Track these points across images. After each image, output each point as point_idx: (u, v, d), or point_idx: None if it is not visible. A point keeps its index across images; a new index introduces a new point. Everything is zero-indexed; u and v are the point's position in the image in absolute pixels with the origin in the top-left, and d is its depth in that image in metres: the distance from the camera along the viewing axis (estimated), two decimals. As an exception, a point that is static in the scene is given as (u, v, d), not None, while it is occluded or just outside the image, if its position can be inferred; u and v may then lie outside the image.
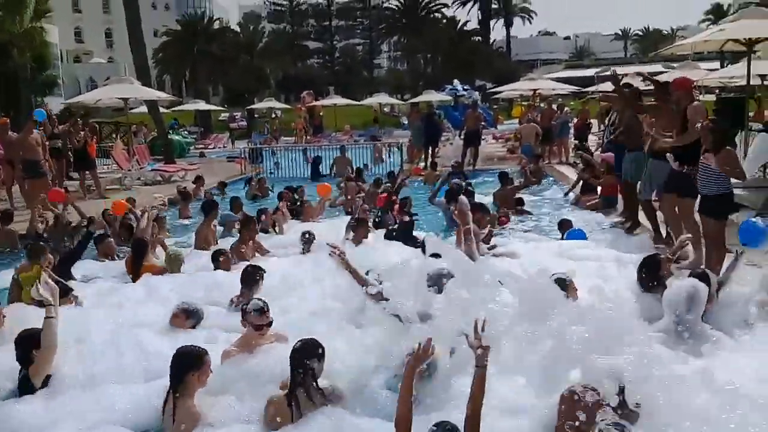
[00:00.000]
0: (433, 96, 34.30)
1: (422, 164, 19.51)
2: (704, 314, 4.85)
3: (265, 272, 6.29)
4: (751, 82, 13.50)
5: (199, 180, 15.75)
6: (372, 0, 76.12)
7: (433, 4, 71.00)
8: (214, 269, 7.38)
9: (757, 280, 5.69)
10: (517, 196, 12.26)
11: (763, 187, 9.23)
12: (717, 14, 59.95)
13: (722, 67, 26.35)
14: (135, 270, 7.66)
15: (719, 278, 5.47)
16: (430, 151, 20.24)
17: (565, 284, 4.99)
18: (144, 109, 27.17)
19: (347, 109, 40.69)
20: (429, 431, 3.33)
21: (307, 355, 4.11)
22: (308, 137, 30.56)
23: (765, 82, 18.89)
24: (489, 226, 8.93)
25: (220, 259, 7.49)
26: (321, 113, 36.60)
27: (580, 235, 8.80)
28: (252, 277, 6.18)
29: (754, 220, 5.72)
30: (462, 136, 20.03)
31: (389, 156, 20.33)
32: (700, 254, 7.05)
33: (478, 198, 11.16)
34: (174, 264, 7.64)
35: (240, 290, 6.21)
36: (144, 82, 21.78)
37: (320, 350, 4.16)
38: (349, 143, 24.18)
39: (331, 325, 5.14)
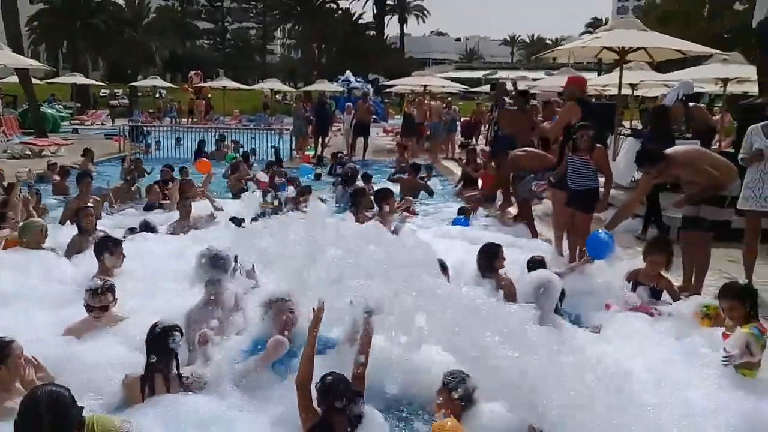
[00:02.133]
0: (326, 86, 34.16)
1: (311, 152, 19.41)
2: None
3: (115, 242, 5.93)
4: (623, 92, 14.43)
5: (88, 153, 14.77)
6: (266, -16, 74.49)
7: (328, -7, 70.62)
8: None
9: (613, 272, 6.14)
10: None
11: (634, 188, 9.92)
12: (596, 27, 63.70)
13: (599, 76, 27.99)
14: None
15: (560, 270, 5.87)
16: (320, 140, 20.16)
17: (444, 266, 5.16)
18: (15, 79, 25.21)
19: (237, 93, 39.72)
20: (318, 381, 3.46)
21: (166, 339, 3.92)
22: (200, 120, 29.71)
23: (634, 93, 20.26)
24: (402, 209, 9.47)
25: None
26: (209, 95, 35.54)
27: (464, 223, 9.24)
28: (100, 249, 5.79)
29: (599, 232, 6.09)
30: (351, 127, 20.11)
31: (281, 143, 19.98)
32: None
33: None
34: (27, 234, 6.66)
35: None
36: (15, 49, 20.20)
37: (179, 334, 3.99)
38: (238, 128, 23.69)
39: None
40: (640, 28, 11.94)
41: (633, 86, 18.65)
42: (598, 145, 7.12)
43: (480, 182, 12.44)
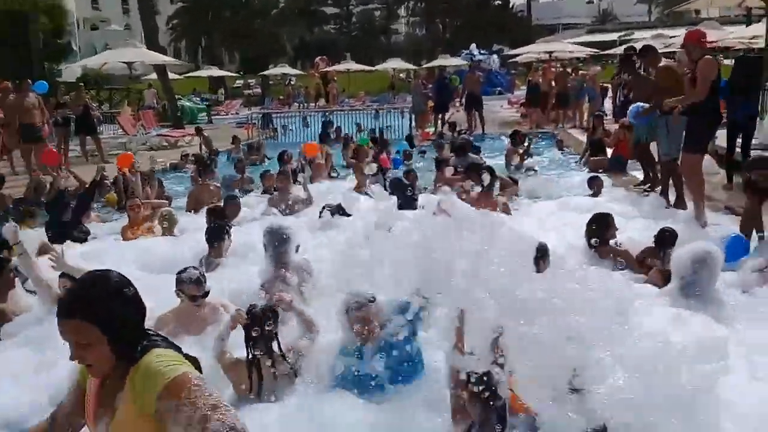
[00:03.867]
0: (447, 61, 33.69)
1: (431, 129, 19.13)
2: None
3: (229, 228, 5.99)
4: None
5: (235, 140, 15.64)
6: (389, -36, 74.63)
7: (451, -33, 69.44)
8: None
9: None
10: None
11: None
12: (745, -26, 58.21)
13: (747, 27, 25.43)
14: (125, 233, 7.69)
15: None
16: (440, 117, 19.84)
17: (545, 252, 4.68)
18: (155, 75, 26.96)
19: (362, 75, 40.18)
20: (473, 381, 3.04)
21: (268, 319, 3.82)
22: (332, 103, 30.38)
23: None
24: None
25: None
26: (335, 79, 36.20)
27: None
28: (216, 235, 5.83)
29: (739, 236, 5.64)
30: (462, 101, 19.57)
31: (401, 119, 19.87)
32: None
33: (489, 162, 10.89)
34: (168, 224, 7.57)
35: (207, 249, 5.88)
36: (151, 44, 21.49)
37: (277, 316, 3.89)
38: (362, 109, 23.95)
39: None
40: (791, -32, 10.56)
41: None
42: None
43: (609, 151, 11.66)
